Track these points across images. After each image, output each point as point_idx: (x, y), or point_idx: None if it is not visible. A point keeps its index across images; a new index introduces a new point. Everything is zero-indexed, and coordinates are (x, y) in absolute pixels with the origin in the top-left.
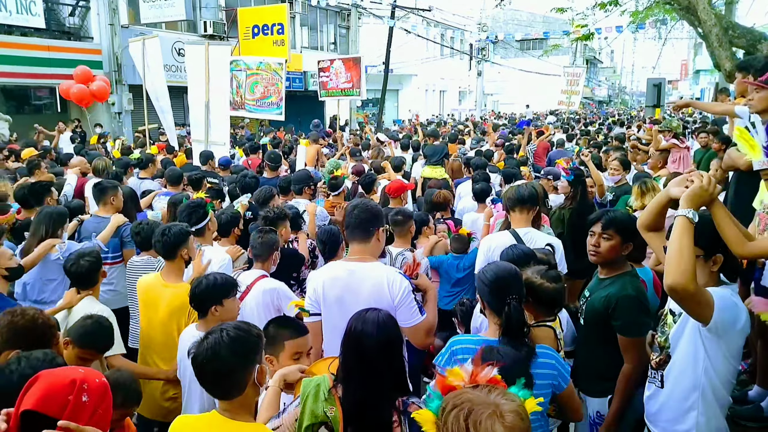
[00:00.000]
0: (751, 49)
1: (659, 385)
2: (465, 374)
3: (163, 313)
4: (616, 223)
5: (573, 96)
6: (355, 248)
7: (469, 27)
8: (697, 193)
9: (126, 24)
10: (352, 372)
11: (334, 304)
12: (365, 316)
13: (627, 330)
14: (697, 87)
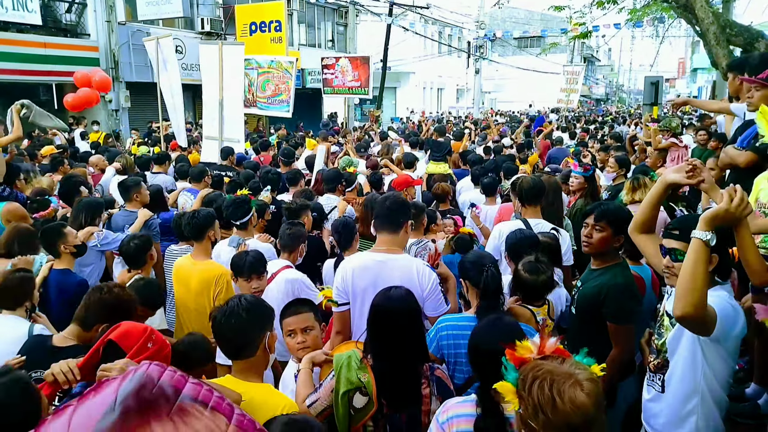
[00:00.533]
0: (748, 47)
1: (660, 390)
2: (533, 347)
3: (194, 288)
4: (608, 215)
5: (572, 94)
6: (384, 239)
7: (467, 25)
8: (721, 216)
9: (123, 21)
10: (381, 342)
11: (363, 294)
12: (389, 293)
13: (616, 317)
14: (694, 85)
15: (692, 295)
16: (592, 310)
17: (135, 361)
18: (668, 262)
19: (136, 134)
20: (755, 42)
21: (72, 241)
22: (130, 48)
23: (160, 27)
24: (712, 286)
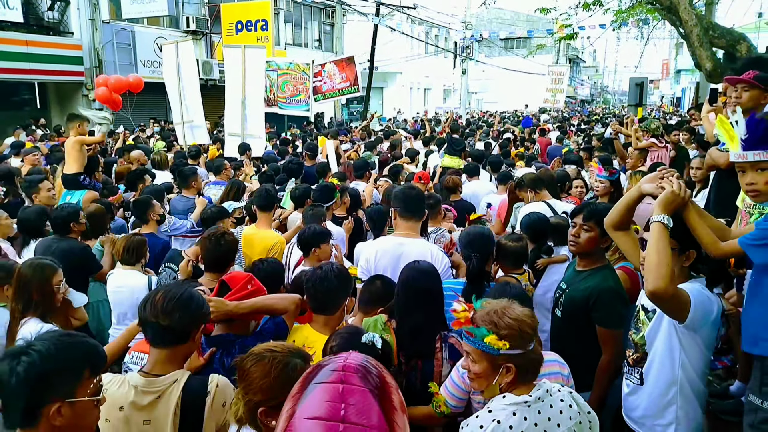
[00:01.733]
0: (731, 50)
1: (638, 382)
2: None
3: (257, 252)
4: (596, 215)
5: (558, 94)
6: (406, 225)
7: (454, 25)
8: (669, 199)
9: (107, 19)
10: (406, 308)
11: (384, 272)
12: (416, 266)
13: (607, 321)
14: (678, 86)
15: (658, 270)
16: (580, 314)
17: (236, 297)
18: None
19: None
20: (737, 44)
21: (158, 211)
22: (114, 46)
23: (144, 26)
24: (688, 279)
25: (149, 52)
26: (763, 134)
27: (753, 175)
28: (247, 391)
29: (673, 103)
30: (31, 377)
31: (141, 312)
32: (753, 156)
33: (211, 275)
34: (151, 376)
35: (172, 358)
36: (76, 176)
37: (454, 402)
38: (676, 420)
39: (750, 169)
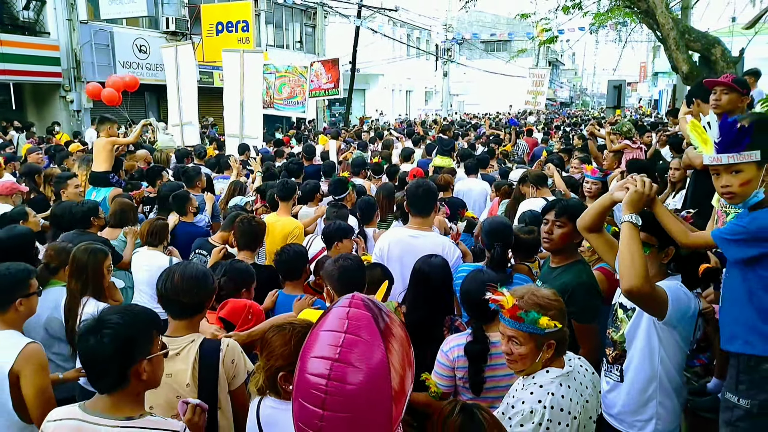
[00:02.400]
0: (706, 53)
1: (618, 379)
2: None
3: (277, 237)
4: (569, 211)
5: (538, 96)
6: (417, 219)
7: (435, 28)
8: (635, 198)
9: (85, 19)
10: (418, 298)
11: (396, 261)
12: (430, 261)
13: (583, 316)
14: (655, 89)
15: (632, 268)
16: None
17: (244, 329)
18: None
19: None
20: (712, 48)
21: (194, 204)
22: (92, 47)
23: (123, 26)
24: (665, 277)
25: (128, 53)
26: (736, 136)
27: (728, 178)
28: (269, 358)
29: (651, 105)
30: (119, 345)
31: (161, 290)
32: (727, 159)
33: (245, 253)
34: (170, 338)
35: (189, 325)
36: (105, 174)
37: (444, 382)
38: (656, 414)
39: (724, 171)
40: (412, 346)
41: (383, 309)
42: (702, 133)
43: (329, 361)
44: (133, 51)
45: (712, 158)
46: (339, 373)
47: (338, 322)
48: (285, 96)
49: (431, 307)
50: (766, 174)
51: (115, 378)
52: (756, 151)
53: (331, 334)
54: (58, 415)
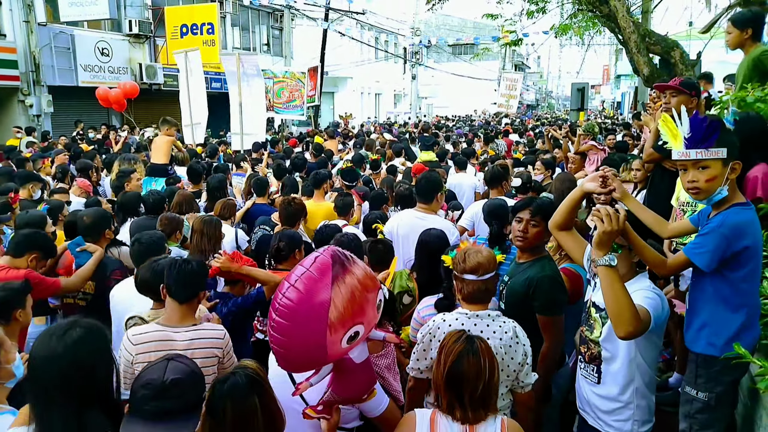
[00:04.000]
0: (666, 56)
1: (595, 381)
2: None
3: (318, 217)
4: (543, 210)
5: (511, 99)
6: (423, 205)
7: (403, 31)
8: (605, 238)
9: (44, 21)
10: (423, 263)
11: (403, 238)
12: (429, 232)
13: (546, 309)
14: (618, 91)
15: (625, 315)
16: (521, 304)
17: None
18: None
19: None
20: (671, 50)
21: (270, 188)
22: (52, 50)
23: (84, 29)
24: (635, 276)
25: (90, 57)
26: (705, 133)
27: (694, 173)
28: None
29: (614, 107)
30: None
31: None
32: (695, 154)
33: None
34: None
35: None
36: (164, 166)
37: (414, 333)
38: (633, 415)
39: (692, 167)
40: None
41: (349, 265)
42: (673, 128)
43: (288, 284)
44: (95, 54)
45: (681, 153)
46: (290, 293)
47: (308, 261)
48: (284, 100)
49: (432, 269)
50: (730, 172)
51: (195, 293)
52: (723, 149)
53: (300, 267)
54: (140, 330)
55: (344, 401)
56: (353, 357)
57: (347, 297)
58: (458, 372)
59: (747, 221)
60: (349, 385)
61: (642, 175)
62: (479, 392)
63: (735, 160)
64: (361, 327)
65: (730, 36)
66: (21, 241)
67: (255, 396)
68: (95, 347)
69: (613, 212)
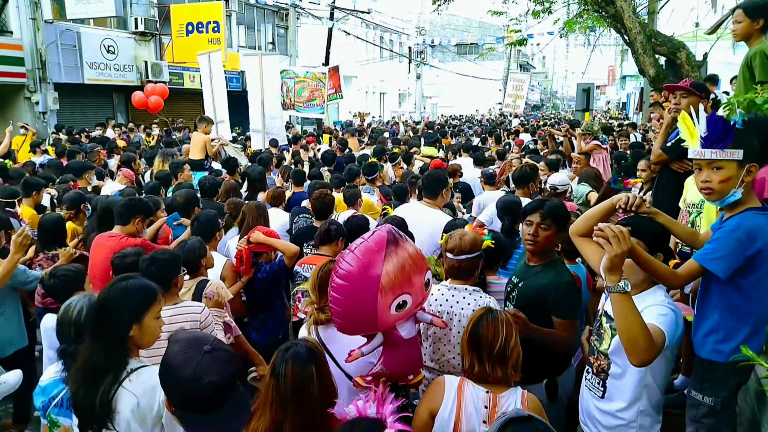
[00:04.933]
0: (672, 57)
1: (600, 395)
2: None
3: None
4: (553, 213)
5: (518, 100)
6: (427, 199)
7: (408, 30)
8: (616, 262)
9: (50, 19)
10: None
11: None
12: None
13: (567, 314)
14: (623, 92)
15: (639, 344)
16: (534, 307)
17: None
18: None
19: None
20: (677, 51)
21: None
22: (58, 48)
23: (90, 26)
24: (651, 287)
25: (96, 54)
26: (721, 133)
27: (708, 173)
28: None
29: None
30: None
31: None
32: (710, 154)
33: (318, 222)
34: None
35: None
36: (201, 161)
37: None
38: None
39: (706, 167)
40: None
41: (402, 241)
42: (690, 127)
43: (349, 251)
44: (101, 52)
45: (696, 152)
46: (350, 258)
47: (367, 235)
48: (304, 99)
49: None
50: (746, 174)
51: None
52: (739, 150)
53: (359, 239)
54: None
55: (392, 376)
56: (402, 333)
57: (398, 267)
58: (477, 332)
59: (761, 225)
60: (397, 360)
61: (647, 176)
62: (496, 351)
63: (752, 162)
64: (408, 297)
65: (739, 26)
66: (124, 210)
67: (312, 365)
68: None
69: (619, 231)
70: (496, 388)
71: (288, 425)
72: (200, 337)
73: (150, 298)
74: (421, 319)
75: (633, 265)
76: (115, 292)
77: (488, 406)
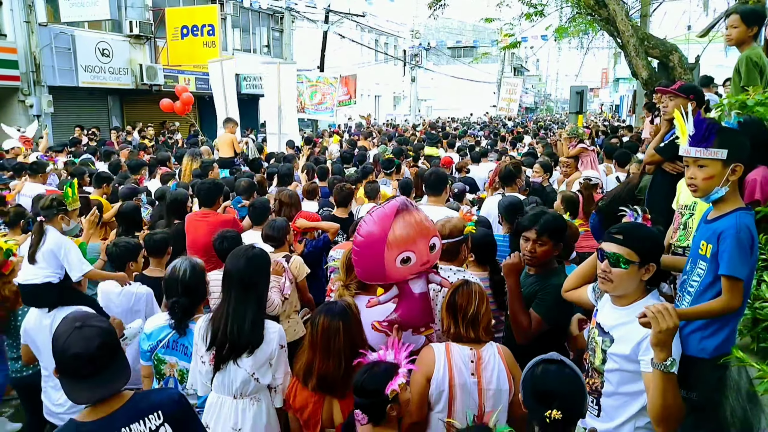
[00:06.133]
0: (664, 59)
1: (596, 413)
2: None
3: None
4: (549, 229)
5: (512, 103)
6: (431, 198)
7: (402, 34)
8: (663, 338)
9: (44, 22)
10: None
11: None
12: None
13: (543, 310)
14: (616, 94)
15: (671, 420)
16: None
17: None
18: (605, 266)
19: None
20: (670, 54)
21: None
22: (53, 51)
23: (85, 29)
24: (644, 295)
25: (91, 57)
26: (704, 134)
27: (694, 170)
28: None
29: (612, 110)
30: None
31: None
32: (695, 152)
33: (341, 210)
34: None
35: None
36: (230, 159)
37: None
38: None
39: (692, 164)
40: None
41: (412, 209)
42: (682, 125)
43: (368, 215)
44: (96, 55)
45: (684, 150)
46: (367, 218)
47: (386, 202)
48: (316, 102)
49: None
50: (730, 174)
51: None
52: (723, 150)
53: (376, 206)
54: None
55: (404, 324)
56: (413, 288)
57: (403, 228)
58: (453, 300)
59: (751, 224)
60: (409, 311)
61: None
62: (469, 315)
63: (738, 162)
64: (411, 254)
65: (735, 31)
66: (208, 193)
67: (341, 321)
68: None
69: (664, 308)
70: (476, 345)
71: (316, 366)
72: (80, 316)
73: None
74: (432, 280)
75: (623, 276)
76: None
77: (474, 361)
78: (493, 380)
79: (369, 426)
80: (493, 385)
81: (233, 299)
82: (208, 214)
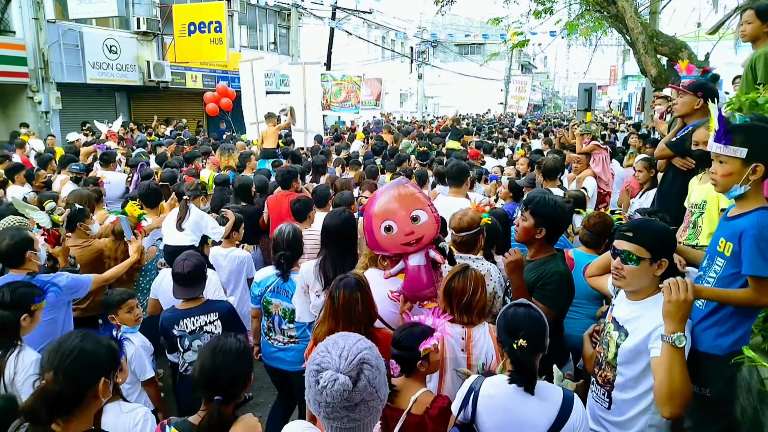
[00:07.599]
0: (673, 57)
1: (606, 407)
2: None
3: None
4: (531, 204)
5: (521, 101)
6: (453, 189)
7: (410, 30)
8: (673, 310)
9: (53, 18)
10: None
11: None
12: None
13: (547, 300)
14: (625, 92)
15: (677, 399)
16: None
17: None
18: (618, 263)
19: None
20: (679, 52)
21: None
22: (61, 47)
23: (93, 26)
24: (657, 291)
25: (98, 54)
26: (723, 131)
27: (716, 165)
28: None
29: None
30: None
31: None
32: (716, 148)
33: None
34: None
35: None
36: (273, 149)
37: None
38: None
39: (715, 159)
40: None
41: (402, 187)
42: (712, 120)
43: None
44: (104, 51)
45: (709, 144)
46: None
47: (390, 183)
48: (341, 100)
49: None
50: (751, 173)
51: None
52: (743, 149)
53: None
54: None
55: (407, 296)
56: (410, 262)
57: (384, 200)
58: (450, 286)
59: None
60: (407, 283)
61: (645, 177)
62: (464, 301)
63: (760, 162)
64: (392, 223)
65: (749, 26)
66: (285, 179)
67: (358, 292)
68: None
69: (681, 281)
70: (469, 326)
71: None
72: (184, 255)
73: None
74: (432, 257)
75: (636, 272)
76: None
77: (464, 338)
78: (482, 356)
79: (402, 377)
80: (482, 360)
81: (332, 250)
82: (288, 195)
